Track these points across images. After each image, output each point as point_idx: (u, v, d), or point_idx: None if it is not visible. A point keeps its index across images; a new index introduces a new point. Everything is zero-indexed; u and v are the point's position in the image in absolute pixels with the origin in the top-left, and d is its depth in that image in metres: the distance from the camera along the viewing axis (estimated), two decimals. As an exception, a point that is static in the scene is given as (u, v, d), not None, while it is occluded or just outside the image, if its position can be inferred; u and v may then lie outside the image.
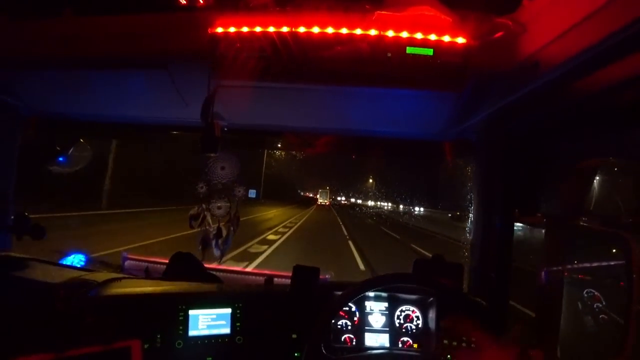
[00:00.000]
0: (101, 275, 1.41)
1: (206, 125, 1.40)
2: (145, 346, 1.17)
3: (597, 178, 1.18)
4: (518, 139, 1.41)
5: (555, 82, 1.04)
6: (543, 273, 1.52)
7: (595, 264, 1.47)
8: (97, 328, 1.12)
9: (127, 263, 1.75)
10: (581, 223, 1.27)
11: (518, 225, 1.50)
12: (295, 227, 17.48)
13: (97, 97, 1.61)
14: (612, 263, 1.35)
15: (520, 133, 1.40)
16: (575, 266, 1.52)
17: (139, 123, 1.81)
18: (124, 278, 1.52)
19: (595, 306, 1.44)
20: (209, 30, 1.27)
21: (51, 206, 9.75)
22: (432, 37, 1.21)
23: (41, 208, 8.54)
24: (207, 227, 1.67)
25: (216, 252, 1.72)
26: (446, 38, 1.21)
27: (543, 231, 1.42)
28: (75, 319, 1.16)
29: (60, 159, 1.81)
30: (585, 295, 1.46)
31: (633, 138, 1.16)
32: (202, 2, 1.38)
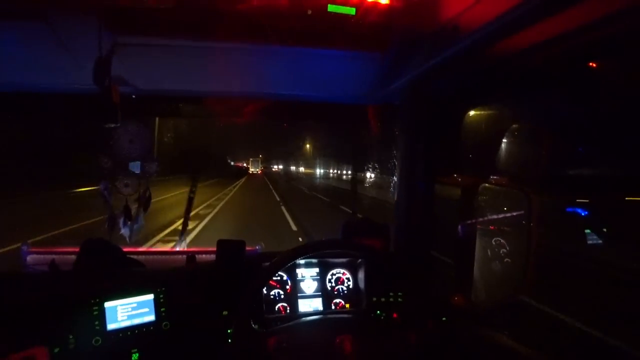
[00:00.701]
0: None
1: (102, 91, 1.19)
2: (55, 350, 1.05)
3: (505, 140, 1.26)
4: (439, 103, 1.44)
5: (474, 45, 1.05)
6: (460, 227, 1.66)
7: (501, 216, 1.64)
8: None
9: (29, 258, 1.52)
10: (492, 182, 1.37)
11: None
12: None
13: None
14: (515, 214, 1.52)
15: (441, 96, 1.43)
16: (486, 219, 1.68)
17: (21, 91, 1.49)
18: (26, 275, 1.33)
19: (501, 252, 1.63)
20: None
21: None
22: (355, -6, 1.13)
23: None
24: (112, 207, 1.49)
25: (125, 232, 1.56)
26: (369, -3, 1.14)
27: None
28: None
29: None
30: (494, 243, 1.64)
31: (544, 102, 1.25)
32: None
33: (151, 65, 1.32)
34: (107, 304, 1.17)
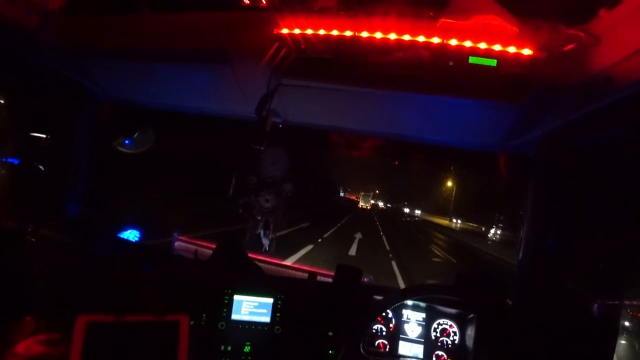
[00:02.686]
0: (155, 252, 1.52)
1: (259, 119, 1.46)
2: (192, 323, 1.25)
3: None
4: (580, 158, 1.34)
5: (628, 100, 0.99)
6: (596, 305, 1.43)
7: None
8: (151, 299, 1.21)
9: (177, 244, 1.87)
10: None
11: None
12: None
13: (164, 87, 1.74)
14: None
15: (583, 152, 1.33)
16: (635, 302, 1.41)
17: (199, 114, 1.93)
18: (175, 257, 1.62)
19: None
20: (274, 31, 1.32)
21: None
22: (497, 47, 1.18)
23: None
24: (257, 218, 1.74)
25: (264, 241, 1.78)
26: (511, 49, 1.18)
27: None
28: (132, 289, 1.26)
29: (126, 141, 1.98)
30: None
31: None
32: (264, 2, 1.44)
33: (302, 103, 1.57)
34: (236, 297, 1.35)
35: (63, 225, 1.65)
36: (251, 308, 1.36)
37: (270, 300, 1.37)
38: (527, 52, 1.17)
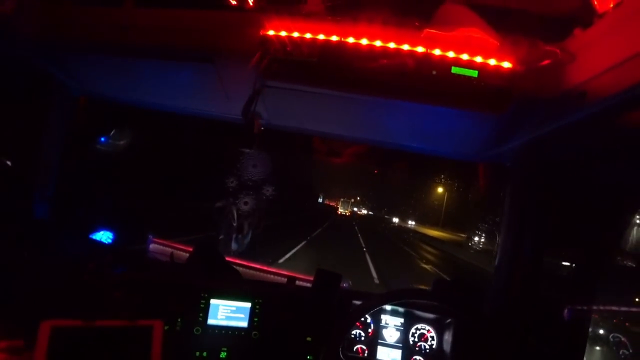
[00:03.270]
0: (128, 255, 1.46)
1: (246, 121, 1.44)
2: (166, 328, 1.20)
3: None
4: (555, 168, 1.39)
5: (602, 114, 1.04)
6: (567, 310, 1.48)
7: (625, 309, 1.42)
8: (124, 304, 1.15)
9: (152, 246, 1.80)
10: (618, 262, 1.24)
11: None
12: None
13: (145, 84, 1.69)
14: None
15: (558, 163, 1.38)
16: (604, 308, 1.47)
17: (180, 113, 1.89)
18: (150, 260, 1.57)
19: (621, 353, 1.39)
20: (261, 32, 1.31)
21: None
22: (478, 59, 1.22)
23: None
24: (232, 221, 1.71)
25: (234, 246, 1.75)
26: (492, 61, 1.22)
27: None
28: (103, 293, 1.21)
29: (102, 139, 1.91)
30: (611, 339, 1.41)
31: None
32: (251, 4, 1.44)
33: (286, 106, 1.56)
34: (212, 301, 1.31)
35: (28, 226, 1.56)
36: (228, 313, 1.32)
37: (248, 305, 1.34)
38: (507, 65, 1.22)
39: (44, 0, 1.45)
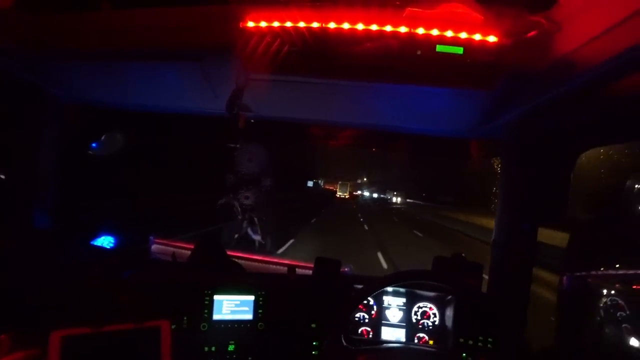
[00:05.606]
0: (132, 258, 1.49)
1: (230, 117, 1.43)
2: (173, 327, 1.24)
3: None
4: (549, 141, 1.38)
5: (590, 83, 1.02)
6: (565, 278, 1.50)
7: (628, 272, 1.44)
8: (130, 307, 1.19)
9: (154, 247, 1.83)
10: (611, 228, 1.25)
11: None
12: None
13: (132, 87, 1.68)
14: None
15: (551, 135, 1.37)
16: (601, 272, 1.49)
17: (170, 113, 1.88)
18: (152, 261, 1.60)
19: (617, 315, 1.41)
20: (241, 24, 1.29)
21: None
22: (463, 35, 1.19)
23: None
24: (238, 217, 1.73)
25: (255, 237, 1.77)
26: (477, 36, 1.19)
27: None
28: (109, 297, 1.24)
29: (93, 144, 1.90)
30: (609, 302, 1.43)
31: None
32: None
33: (274, 96, 1.55)
34: (216, 297, 1.35)
35: (31, 237, 1.59)
36: (233, 307, 1.35)
37: (252, 298, 1.38)
38: (492, 39, 1.19)
39: (20, 11, 1.43)
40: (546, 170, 1.42)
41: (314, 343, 1.36)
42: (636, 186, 1.43)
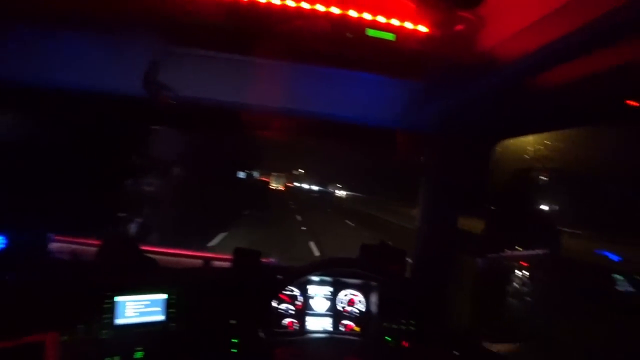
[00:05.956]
0: (22, 258, 1.25)
1: (150, 96, 1.27)
2: (64, 338, 1.05)
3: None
4: (472, 134, 1.44)
5: (511, 78, 1.06)
6: (480, 260, 1.62)
7: (526, 253, 1.60)
8: (7, 320, 0.97)
9: (53, 245, 1.55)
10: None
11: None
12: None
13: (32, 59, 1.38)
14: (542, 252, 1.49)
15: (474, 128, 1.43)
16: (508, 254, 1.64)
17: (77, 91, 1.59)
18: (48, 262, 1.36)
19: (522, 289, 1.58)
20: None
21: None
22: (395, 21, 1.17)
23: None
24: (139, 205, 1.54)
25: (132, 227, 1.60)
26: (409, 25, 1.17)
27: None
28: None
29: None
30: (516, 280, 1.59)
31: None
32: None
33: (194, 74, 1.39)
34: (117, 299, 1.18)
35: None
36: (141, 308, 1.20)
37: (164, 296, 1.23)
38: (423, 29, 1.18)
39: None
40: (466, 161, 1.49)
41: (233, 340, 1.27)
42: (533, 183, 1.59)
